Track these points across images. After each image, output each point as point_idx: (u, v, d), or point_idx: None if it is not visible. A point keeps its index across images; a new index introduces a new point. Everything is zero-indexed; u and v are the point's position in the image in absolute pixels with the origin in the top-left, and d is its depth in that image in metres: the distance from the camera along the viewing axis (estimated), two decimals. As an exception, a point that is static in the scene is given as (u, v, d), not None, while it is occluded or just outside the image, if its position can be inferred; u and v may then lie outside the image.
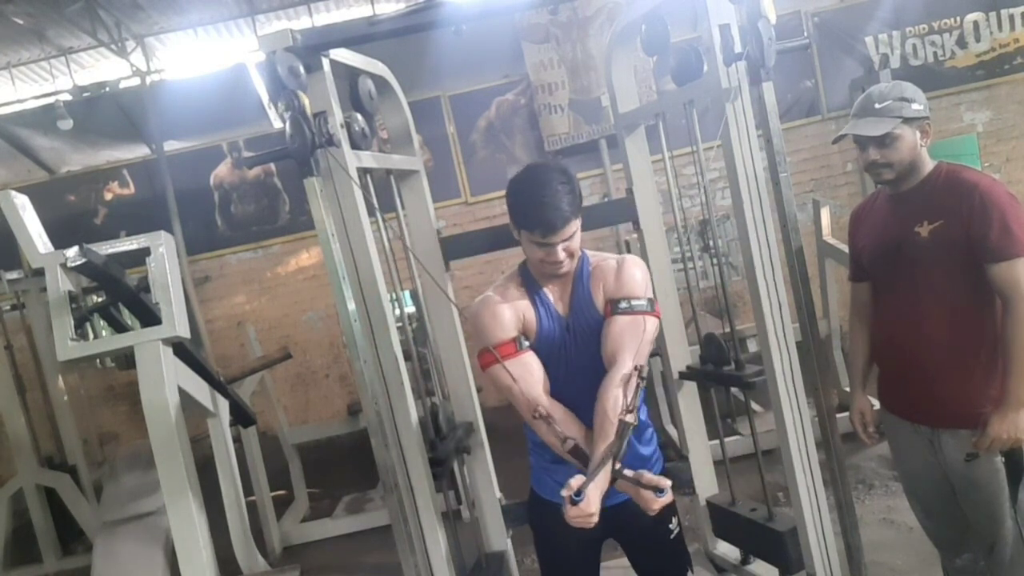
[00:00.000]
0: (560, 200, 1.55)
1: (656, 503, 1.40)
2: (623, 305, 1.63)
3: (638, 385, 1.51)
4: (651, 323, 1.65)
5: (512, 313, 1.67)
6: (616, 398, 1.50)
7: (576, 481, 1.40)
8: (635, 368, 1.55)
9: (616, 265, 1.70)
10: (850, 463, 3.56)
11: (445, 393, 2.54)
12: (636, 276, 1.68)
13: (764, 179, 1.98)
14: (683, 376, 2.56)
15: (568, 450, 1.55)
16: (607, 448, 1.46)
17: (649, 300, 1.66)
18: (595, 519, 1.41)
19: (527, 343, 1.67)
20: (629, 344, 1.59)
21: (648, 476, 1.41)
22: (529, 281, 1.73)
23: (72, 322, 2.25)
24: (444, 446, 2.21)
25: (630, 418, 1.47)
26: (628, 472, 1.43)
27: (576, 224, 1.60)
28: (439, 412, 2.29)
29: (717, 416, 2.60)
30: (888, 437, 2.08)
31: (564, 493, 1.39)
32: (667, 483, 1.40)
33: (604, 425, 1.49)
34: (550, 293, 1.72)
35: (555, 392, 1.68)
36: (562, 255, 1.59)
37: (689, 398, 2.60)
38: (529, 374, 1.63)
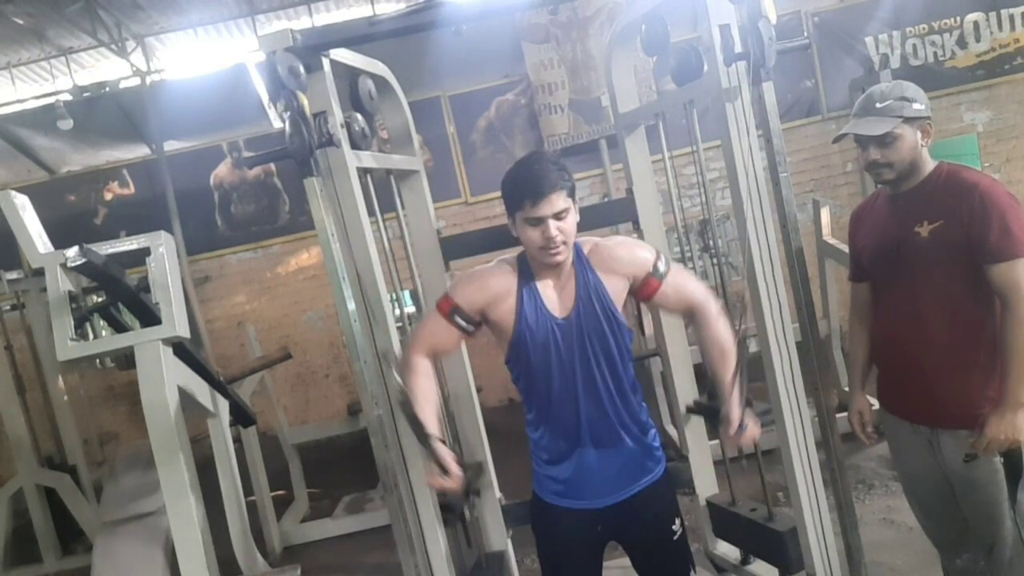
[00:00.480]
0: (547, 170, 1.57)
1: (431, 478, 1.56)
2: (660, 270, 1.68)
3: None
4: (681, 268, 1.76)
5: (482, 294, 1.67)
6: (721, 330, 1.67)
7: (735, 418, 1.57)
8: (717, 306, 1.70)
9: (614, 246, 1.70)
10: (850, 463, 3.55)
11: (455, 434, 2.52)
12: (638, 246, 1.73)
13: (764, 179, 1.98)
14: (690, 411, 2.55)
15: (399, 401, 1.70)
16: (736, 369, 1.63)
17: (665, 256, 1.72)
18: (759, 430, 1.61)
19: (464, 323, 1.68)
20: (694, 288, 1.71)
21: (443, 451, 1.57)
22: (525, 271, 1.68)
23: (72, 322, 2.25)
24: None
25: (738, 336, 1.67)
26: (434, 442, 1.58)
27: (567, 201, 1.58)
28: None
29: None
30: (887, 437, 2.07)
31: (731, 432, 1.57)
32: (448, 470, 1.54)
33: (725, 355, 1.65)
34: (544, 293, 1.66)
35: (547, 394, 1.66)
36: (554, 230, 1.56)
37: (696, 431, 2.60)
38: (430, 333, 1.72)
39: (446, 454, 1.56)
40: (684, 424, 2.58)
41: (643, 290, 1.68)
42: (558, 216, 1.57)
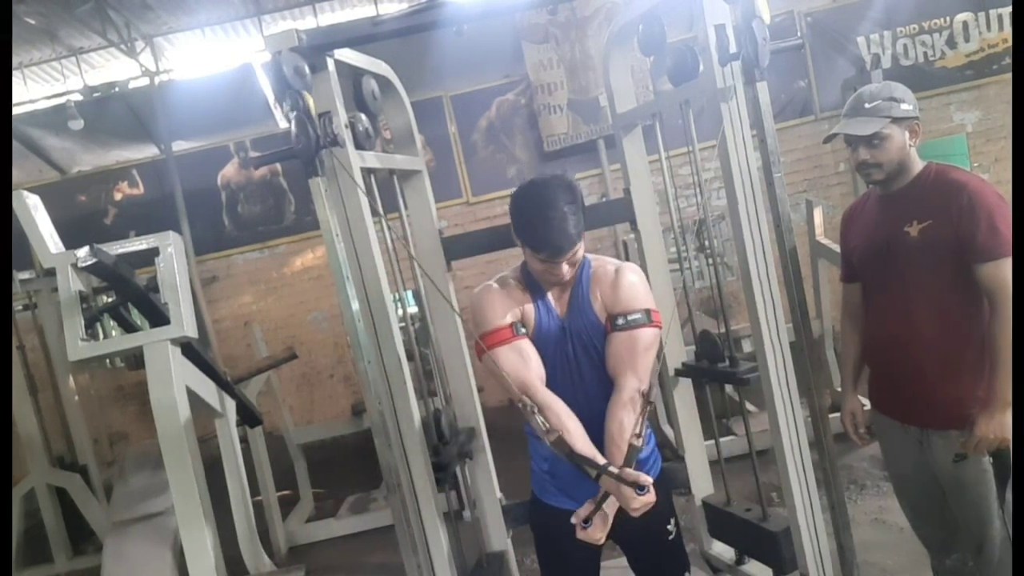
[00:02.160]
0: (567, 222, 1.55)
1: (636, 501, 1.38)
2: (620, 322, 1.64)
3: (644, 408, 1.52)
4: (648, 335, 1.63)
5: (510, 301, 1.69)
6: (621, 422, 1.51)
7: (584, 510, 1.44)
8: (639, 390, 1.55)
9: (613, 273, 1.70)
10: (842, 463, 3.56)
11: (447, 396, 2.56)
12: (633, 287, 1.67)
13: (759, 179, 1.99)
14: (679, 373, 2.57)
15: (551, 441, 1.49)
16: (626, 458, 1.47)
17: (646, 311, 1.64)
18: (602, 541, 1.46)
19: (524, 330, 1.68)
20: (628, 362, 1.60)
21: (629, 472, 1.40)
22: (530, 280, 1.74)
23: (83, 322, 2.27)
24: (447, 451, 2.22)
25: (638, 441, 1.48)
26: (612, 469, 1.42)
27: (580, 244, 1.61)
28: (441, 417, 2.31)
29: (712, 416, 2.62)
30: (879, 438, 2.08)
31: (574, 520, 1.44)
32: (647, 480, 1.38)
33: (611, 450, 1.49)
34: (550, 293, 1.73)
35: (557, 389, 1.68)
36: (565, 268, 1.61)
37: (685, 395, 2.61)
38: (523, 361, 1.62)
39: (629, 474, 1.40)
40: (673, 388, 2.59)
41: (603, 318, 1.68)
42: (570, 257, 1.60)
